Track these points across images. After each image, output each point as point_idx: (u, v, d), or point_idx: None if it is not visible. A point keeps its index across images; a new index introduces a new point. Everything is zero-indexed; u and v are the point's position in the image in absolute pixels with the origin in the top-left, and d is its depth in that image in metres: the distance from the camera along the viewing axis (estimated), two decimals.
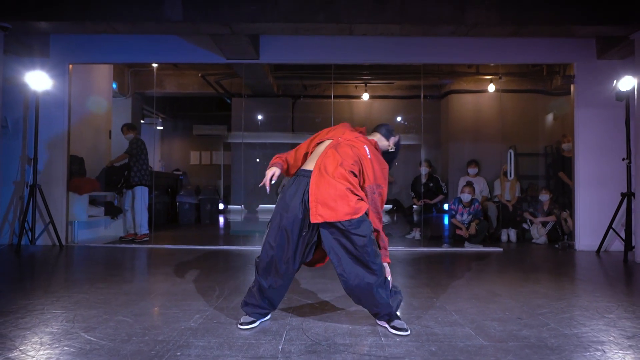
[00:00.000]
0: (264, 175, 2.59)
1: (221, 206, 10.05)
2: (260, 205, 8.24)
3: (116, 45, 6.07)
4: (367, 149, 2.56)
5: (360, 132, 2.75)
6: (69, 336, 2.36)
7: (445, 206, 7.56)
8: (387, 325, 2.51)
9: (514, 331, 2.50)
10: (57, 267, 4.72)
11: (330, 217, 2.36)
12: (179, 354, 2.13)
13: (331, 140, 2.62)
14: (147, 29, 5.22)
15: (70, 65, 6.13)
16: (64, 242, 5.90)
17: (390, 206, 7.84)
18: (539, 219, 6.90)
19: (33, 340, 2.30)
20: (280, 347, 2.23)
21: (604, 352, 2.20)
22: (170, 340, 2.31)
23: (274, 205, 2.56)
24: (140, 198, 6.51)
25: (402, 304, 2.73)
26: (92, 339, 2.32)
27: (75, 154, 6.34)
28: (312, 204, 2.39)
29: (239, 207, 8.23)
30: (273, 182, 2.59)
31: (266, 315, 2.65)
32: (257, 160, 8.49)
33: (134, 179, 6.50)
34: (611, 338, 2.40)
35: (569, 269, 4.75)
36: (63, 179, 6.06)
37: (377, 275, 2.41)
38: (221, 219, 9.86)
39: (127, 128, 6.67)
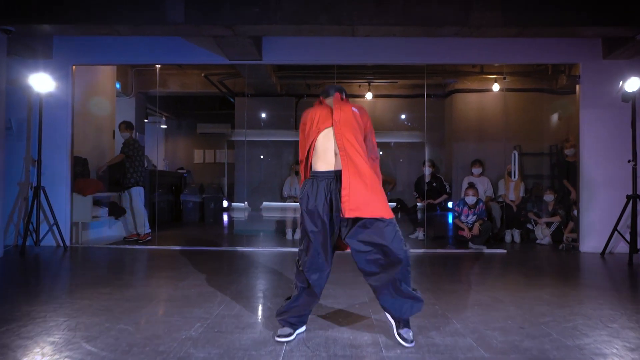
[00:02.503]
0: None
1: (225, 204, 10.08)
2: (264, 203, 8.22)
3: (119, 46, 6.07)
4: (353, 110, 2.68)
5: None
6: (70, 346, 2.36)
7: (450, 204, 7.53)
8: (393, 326, 2.49)
9: (516, 342, 2.49)
10: (61, 269, 4.74)
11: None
12: None
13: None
14: (149, 31, 5.20)
15: (74, 67, 6.13)
16: (68, 243, 5.92)
17: (394, 204, 7.81)
18: (543, 220, 6.86)
19: (34, 350, 2.31)
20: (281, 359, 2.23)
21: None
22: (170, 351, 2.31)
23: (278, 203, 2.54)
24: (137, 198, 6.56)
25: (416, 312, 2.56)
26: (92, 349, 2.32)
27: (78, 155, 6.35)
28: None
29: (242, 204, 8.21)
30: None
31: (302, 325, 2.60)
32: (262, 157, 8.47)
33: (130, 180, 6.54)
34: (614, 350, 2.38)
35: (573, 272, 4.72)
36: (67, 180, 6.07)
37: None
38: (225, 217, 9.86)
39: (125, 126, 6.68)
